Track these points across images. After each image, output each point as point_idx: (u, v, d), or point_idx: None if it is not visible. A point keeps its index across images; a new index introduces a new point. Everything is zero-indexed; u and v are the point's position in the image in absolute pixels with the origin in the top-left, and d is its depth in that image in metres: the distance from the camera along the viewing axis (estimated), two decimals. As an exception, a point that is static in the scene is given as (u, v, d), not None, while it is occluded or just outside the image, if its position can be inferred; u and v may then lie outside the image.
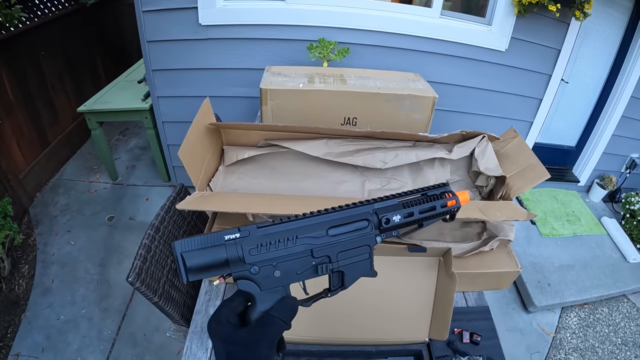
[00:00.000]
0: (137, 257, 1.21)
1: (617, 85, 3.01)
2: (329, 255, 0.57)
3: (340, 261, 0.58)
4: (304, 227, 0.56)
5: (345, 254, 0.58)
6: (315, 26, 2.25)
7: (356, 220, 0.58)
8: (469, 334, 1.19)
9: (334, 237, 0.57)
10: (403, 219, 0.60)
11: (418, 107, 1.69)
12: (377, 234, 0.59)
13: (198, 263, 0.50)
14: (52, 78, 3.16)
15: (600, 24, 2.80)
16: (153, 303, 1.26)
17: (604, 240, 3.03)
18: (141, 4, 2.18)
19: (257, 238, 0.54)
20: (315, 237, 0.56)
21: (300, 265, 0.55)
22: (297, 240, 0.55)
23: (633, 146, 3.32)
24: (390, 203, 0.61)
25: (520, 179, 1.34)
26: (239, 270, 0.52)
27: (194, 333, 1.10)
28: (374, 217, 0.59)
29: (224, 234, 0.53)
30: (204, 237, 0.52)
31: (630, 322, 2.58)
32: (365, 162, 1.34)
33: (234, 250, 0.52)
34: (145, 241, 1.28)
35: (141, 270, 1.20)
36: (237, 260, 0.52)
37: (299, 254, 0.55)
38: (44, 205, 2.98)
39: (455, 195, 0.64)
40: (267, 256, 0.53)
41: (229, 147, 1.45)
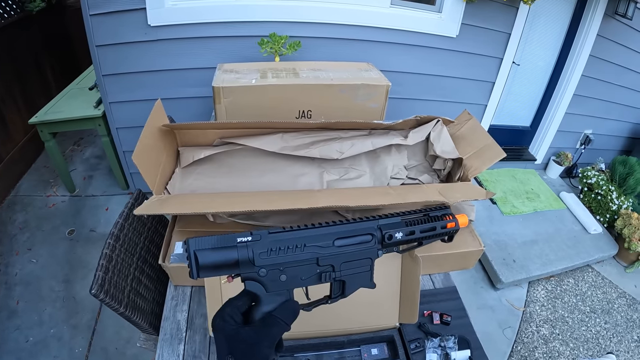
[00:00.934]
0: (99, 268, 1.18)
1: (568, 65, 3.12)
2: (333, 264, 0.61)
3: (343, 271, 0.62)
4: (312, 236, 0.60)
5: (348, 265, 0.62)
6: (266, 21, 2.23)
7: (361, 234, 0.63)
8: (439, 315, 1.21)
9: (340, 248, 0.61)
10: (405, 236, 0.65)
11: (372, 96, 1.71)
12: (379, 248, 0.64)
13: (210, 261, 0.54)
14: (1, 90, 3.01)
15: (549, 6, 2.89)
16: (119, 314, 1.23)
17: (564, 214, 3.15)
18: (88, 8, 2.11)
19: (267, 243, 0.57)
20: (322, 246, 0.60)
21: (305, 272, 0.59)
22: (305, 248, 0.59)
23: (586, 123, 3.46)
24: (394, 220, 0.66)
25: (476, 159, 1.38)
26: (248, 272, 0.56)
27: (163, 340, 1.08)
28: (378, 232, 0.64)
29: (237, 236, 0.56)
30: (218, 237, 0.55)
31: (597, 290, 2.70)
32: (322, 153, 1.35)
33: (245, 252, 0.55)
34: (106, 251, 1.25)
35: (104, 281, 1.16)
36: (247, 262, 0.56)
37: (305, 261, 0.59)
38: (2, 224, 2.85)
39: (455, 218, 0.70)
40: (275, 260, 0.57)
41: (184, 148, 1.42)
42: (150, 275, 1.46)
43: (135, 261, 1.39)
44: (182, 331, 1.10)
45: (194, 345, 1.06)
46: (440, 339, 1.13)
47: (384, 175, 1.45)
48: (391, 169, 1.46)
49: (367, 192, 1.26)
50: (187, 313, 1.15)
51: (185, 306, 1.17)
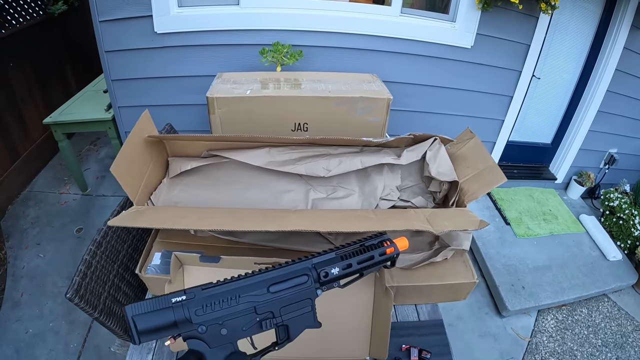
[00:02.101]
0: (77, 273, 1.18)
1: (592, 79, 2.98)
2: (272, 310, 0.62)
3: (284, 315, 0.63)
4: (245, 287, 0.61)
5: (288, 309, 0.63)
6: (271, 29, 2.21)
7: (296, 276, 0.64)
8: (417, 350, 1.14)
9: (275, 294, 0.62)
10: (342, 270, 0.65)
11: (372, 109, 1.65)
12: (317, 287, 0.65)
13: (149, 326, 0.55)
14: (21, 90, 3.11)
15: (572, 17, 2.77)
16: (94, 319, 1.24)
17: (583, 238, 2.98)
18: (98, 15, 2.15)
19: (202, 299, 0.59)
20: (257, 294, 0.61)
21: (245, 322, 0.61)
22: (240, 299, 0.60)
23: (611, 141, 3.29)
24: (328, 257, 0.66)
25: (475, 182, 1.30)
26: (187, 330, 0.57)
27: (134, 348, 1.10)
28: (313, 271, 0.64)
29: (172, 296, 0.57)
30: (153, 300, 0.56)
31: (612, 322, 2.54)
32: (308, 170, 1.30)
33: (181, 312, 0.57)
34: (86, 257, 1.25)
35: (80, 286, 1.17)
36: (184, 321, 0.57)
37: (242, 311, 0.61)
38: (15, 218, 2.94)
39: (393, 243, 0.70)
40: (212, 316, 0.59)
41: (173, 158, 1.41)
42: (131, 283, 1.46)
43: (116, 268, 1.39)
44: (152, 342, 1.12)
45: (161, 357, 1.08)
46: (415, 378, 1.07)
47: (373, 195, 1.39)
48: (382, 190, 1.40)
49: (344, 216, 1.20)
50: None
51: (162, 316, 1.16)
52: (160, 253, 1.21)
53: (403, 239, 0.70)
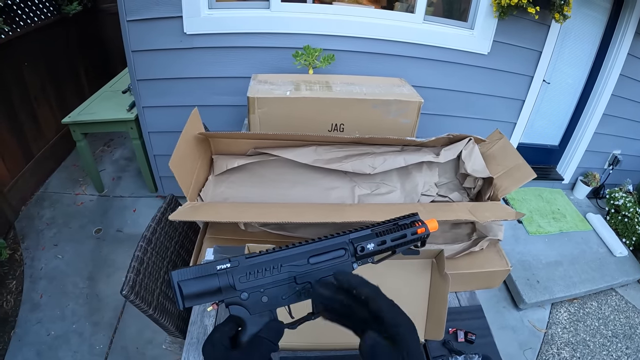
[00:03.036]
0: (130, 270, 1.20)
1: (598, 84, 3.08)
2: (310, 281, 0.62)
3: None
4: (287, 257, 0.62)
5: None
6: (300, 33, 2.27)
7: (334, 250, 0.64)
8: (463, 333, 1.20)
9: (314, 265, 0.63)
10: (377, 246, 0.66)
11: (404, 111, 1.71)
12: (353, 261, 0.65)
13: (193, 291, 0.56)
14: (35, 89, 3.11)
15: (580, 25, 2.86)
16: (148, 315, 1.25)
17: (590, 236, 3.09)
18: (126, 14, 2.16)
19: (245, 267, 0.59)
20: (297, 265, 0.62)
21: (285, 291, 0.61)
22: (282, 268, 0.61)
23: (615, 143, 3.39)
24: (365, 233, 0.67)
25: (506, 179, 1.37)
26: (230, 297, 0.58)
27: (190, 344, 1.09)
28: (350, 246, 0.65)
29: (217, 264, 0.58)
30: (199, 267, 0.57)
31: (620, 315, 2.64)
32: (355, 167, 1.35)
33: (226, 279, 0.58)
34: (138, 253, 1.27)
35: (135, 282, 1.19)
36: (228, 287, 0.58)
37: (283, 280, 0.61)
38: (30, 219, 2.93)
39: (424, 224, 0.70)
40: (255, 283, 0.59)
41: (218, 156, 1.45)
42: (179, 280, 1.48)
43: (165, 265, 1.41)
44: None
45: None
46: (465, 357, 1.13)
47: (414, 191, 1.44)
48: (422, 186, 1.46)
49: (397, 208, 1.26)
50: (215, 319, 1.16)
51: (213, 312, 1.18)
52: (212, 249, 1.24)
53: (433, 221, 0.71)
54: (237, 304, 0.58)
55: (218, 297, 0.58)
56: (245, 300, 0.58)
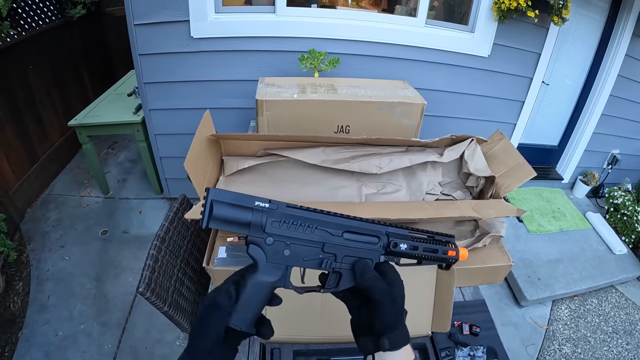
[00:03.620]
0: (146, 268, 1.23)
1: (597, 85, 3.12)
2: (336, 254, 0.62)
3: (343, 264, 0.63)
4: (324, 222, 0.61)
5: (349, 259, 0.63)
6: (305, 37, 2.30)
7: (369, 234, 0.64)
8: (468, 326, 1.25)
9: (347, 241, 0.62)
10: (408, 249, 0.65)
11: (408, 113, 1.75)
12: (382, 253, 0.65)
13: (223, 215, 0.54)
14: (40, 92, 3.13)
15: (578, 26, 2.91)
16: (163, 312, 1.28)
17: (590, 234, 3.13)
18: (133, 18, 2.20)
19: (282, 214, 0.58)
20: (331, 233, 0.61)
21: (308, 253, 0.60)
22: (316, 230, 0.60)
23: (613, 143, 3.44)
24: (403, 232, 0.66)
25: (508, 177, 1.41)
26: (255, 236, 0.56)
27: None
28: (385, 238, 0.64)
29: (256, 199, 0.56)
30: (238, 195, 0.56)
31: (620, 311, 2.68)
32: (362, 167, 1.39)
33: (259, 217, 0.56)
34: (153, 252, 1.30)
35: (150, 280, 1.22)
36: (258, 226, 0.56)
37: (312, 242, 0.60)
38: (35, 221, 2.95)
39: (456, 247, 0.70)
40: (284, 233, 0.58)
41: (228, 157, 1.48)
42: (192, 278, 1.51)
43: (179, 263, 1.45)
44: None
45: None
46: (470, 349, 1.17)
47: (419, 190, 1.48)
48: (426, 185, 1.50)
49: (404, 206, 1.30)
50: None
51: (225, 310, 1.21)
52: (224, 247, 1.27)
53: (464, 250, 0.72)
54: (258, 245, 0.56)
55: (243, 231, 0.56)
56: (269, 246, 0.57)
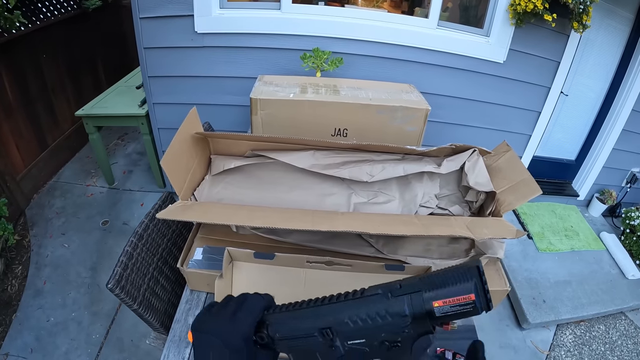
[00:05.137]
0: (118, 264, 1.21)
1: (618, 98, 2.98)
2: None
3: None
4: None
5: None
6: (311, 35, 2.25)
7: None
8: (452, 353, 1.16)
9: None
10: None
11: (410, 119, 1.68)
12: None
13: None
14: (53, 81, 3.18)
15: (602, 36, 2.78)
16: (133, 310, 1.27)
17: (603, 255, 2.99)
18: (139, 11, 2.19)
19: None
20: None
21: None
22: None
23: (634, 160, 3.28)
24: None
25: (511, 194, 1.32)
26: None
27: (172, 342, 1.08)
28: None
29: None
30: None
31: (628, 340, 2.53)
32: (352, 174, 1.33)
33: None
34: (128, 248, 1.28)
35: (121, 277, 1.20)
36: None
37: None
38: (40, 207, 2.99)
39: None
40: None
41: (216, 156, 1.44)
42: (168, 277, 1.48)
43: (155, 261, 1.42)
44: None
45: None
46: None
47: (413, 202, 1.41)
48: (421, 197, 1.43)
49: (390, 220, 1.23)
50: (199, 320, 1.16)
51: (198, 311, 1.17)
52: (201, 248, 1.24)
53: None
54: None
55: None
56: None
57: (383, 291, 0.51)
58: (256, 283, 1.08)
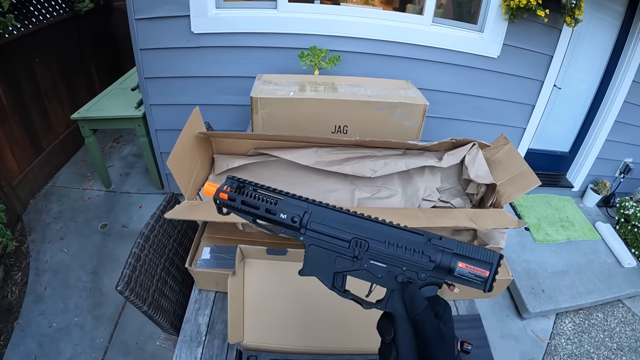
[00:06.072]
0: (127, 266, 1.20)
1: (610, 90, 3.02)
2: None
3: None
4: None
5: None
6: (307, 34, 2.26)
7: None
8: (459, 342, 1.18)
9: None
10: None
11: (409, 115, 1.69)
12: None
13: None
14: (46, 85, 3.15)
15: (593, 29, 2.81)
16: (142, 312, 1.26)
17: (599, 245, 3.03)
18: (134, 12, 2.18)
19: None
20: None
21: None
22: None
23: (626, 151, 3.33)
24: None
25: (511, 186, 1.35)
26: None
27: (183, 342, 1.09)
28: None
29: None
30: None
31: (626, 327, 2.58)
32: (355, 170, 1.34)
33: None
34: (135, 250, 1.27)
35: (130, 279, 1.19)
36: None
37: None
38: (38, 212, 2.96)
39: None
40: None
41: (219, 155, 1.45)
42: (176, 277, 1.48)
43: (162, 262, 1.42)
44: (202, 335, 1.11)
45: (212, 350, 1.06)
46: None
47: (415, 196, 1.43)
48: (423, 191, 1.44)
49: (396, 213, 1.25)
50: (209, 317, 1.16)
51: (208, 310, 1.18)
52: (209, 248, 1.24)
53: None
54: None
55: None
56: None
57: (426, 235, 0.58)
58: (268, 280, 1.08)
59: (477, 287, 0.59)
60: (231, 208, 0.62)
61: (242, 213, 0.61)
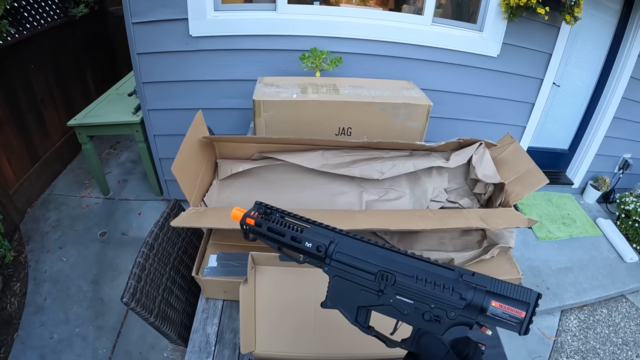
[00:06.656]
0: (132, 277, 1.18)
1: (608, 87, 3.03)
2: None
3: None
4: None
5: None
6: (307, 36, 2.24)
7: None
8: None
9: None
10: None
11: (413, 115, 1.68)
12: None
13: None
14: (42, 92, 3.11)
15: (590, 27, 2.82)
16: (149, 323, 1.23)
17: (600, 241, 3.04)
18: (131, 16, 2.15)
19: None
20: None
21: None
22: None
23: (625, 147, 3.34)
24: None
25: (518, 184, 1.34)
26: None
27: (192, 353, 1.06)
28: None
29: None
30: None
31: (630, 322, 2.59)
32: (362, 173, 1.33)
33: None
34: (140, 260, 1.25)
35: (136, 289, 1.16)
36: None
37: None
38: (35, 221, 2.92)
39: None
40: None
41: (222, 160, 1.43)
42: (181, 286, 1.46)
43: (167, 271, 1.39)
44: (212, 345, 1.09)
45: None
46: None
47: (423, 197, 1.42)
48: (431, 192, 1.43)
49: (407, 215, 1.23)
50: (218, 327, 1.14)
51: (216, 320, 1.16)
52: (215, 255, 1.22)
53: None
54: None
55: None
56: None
57: (457, 270, 0.55)
58: (280, 286, 1.06)
59: (512, 329, 0.56)
60: (257, 234, 0.61)
61: (268, 240, 0.60)
